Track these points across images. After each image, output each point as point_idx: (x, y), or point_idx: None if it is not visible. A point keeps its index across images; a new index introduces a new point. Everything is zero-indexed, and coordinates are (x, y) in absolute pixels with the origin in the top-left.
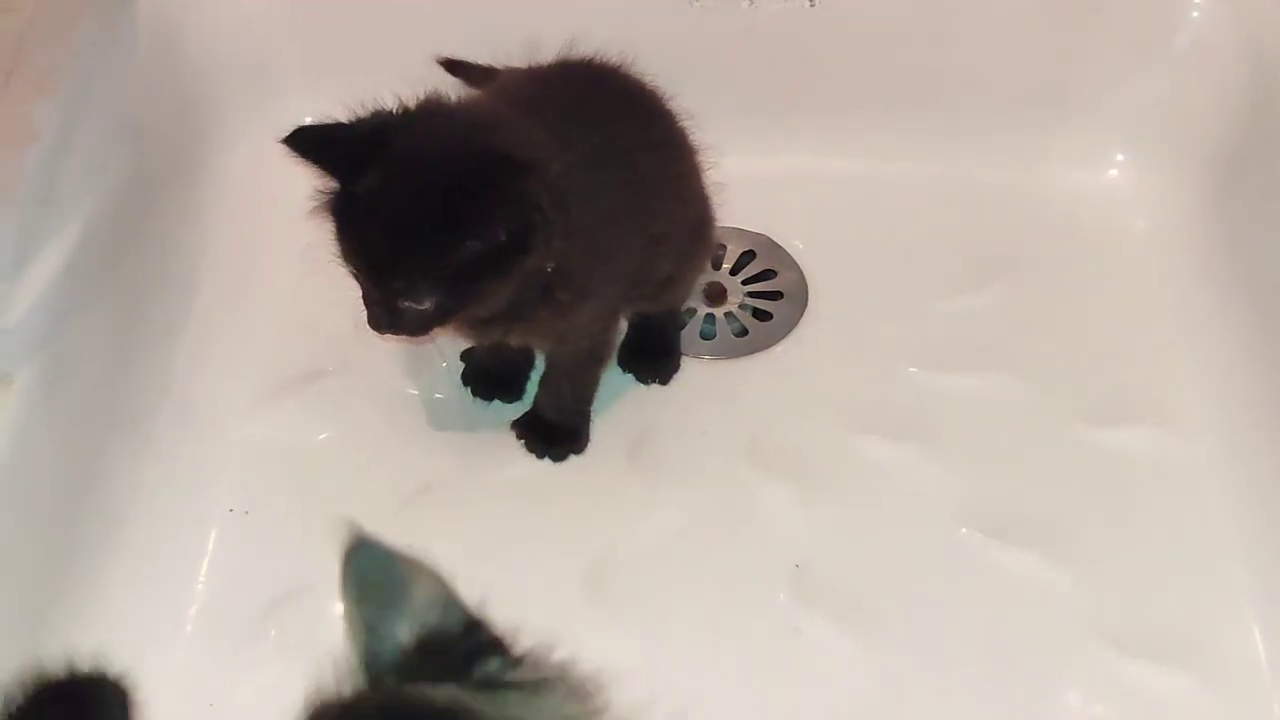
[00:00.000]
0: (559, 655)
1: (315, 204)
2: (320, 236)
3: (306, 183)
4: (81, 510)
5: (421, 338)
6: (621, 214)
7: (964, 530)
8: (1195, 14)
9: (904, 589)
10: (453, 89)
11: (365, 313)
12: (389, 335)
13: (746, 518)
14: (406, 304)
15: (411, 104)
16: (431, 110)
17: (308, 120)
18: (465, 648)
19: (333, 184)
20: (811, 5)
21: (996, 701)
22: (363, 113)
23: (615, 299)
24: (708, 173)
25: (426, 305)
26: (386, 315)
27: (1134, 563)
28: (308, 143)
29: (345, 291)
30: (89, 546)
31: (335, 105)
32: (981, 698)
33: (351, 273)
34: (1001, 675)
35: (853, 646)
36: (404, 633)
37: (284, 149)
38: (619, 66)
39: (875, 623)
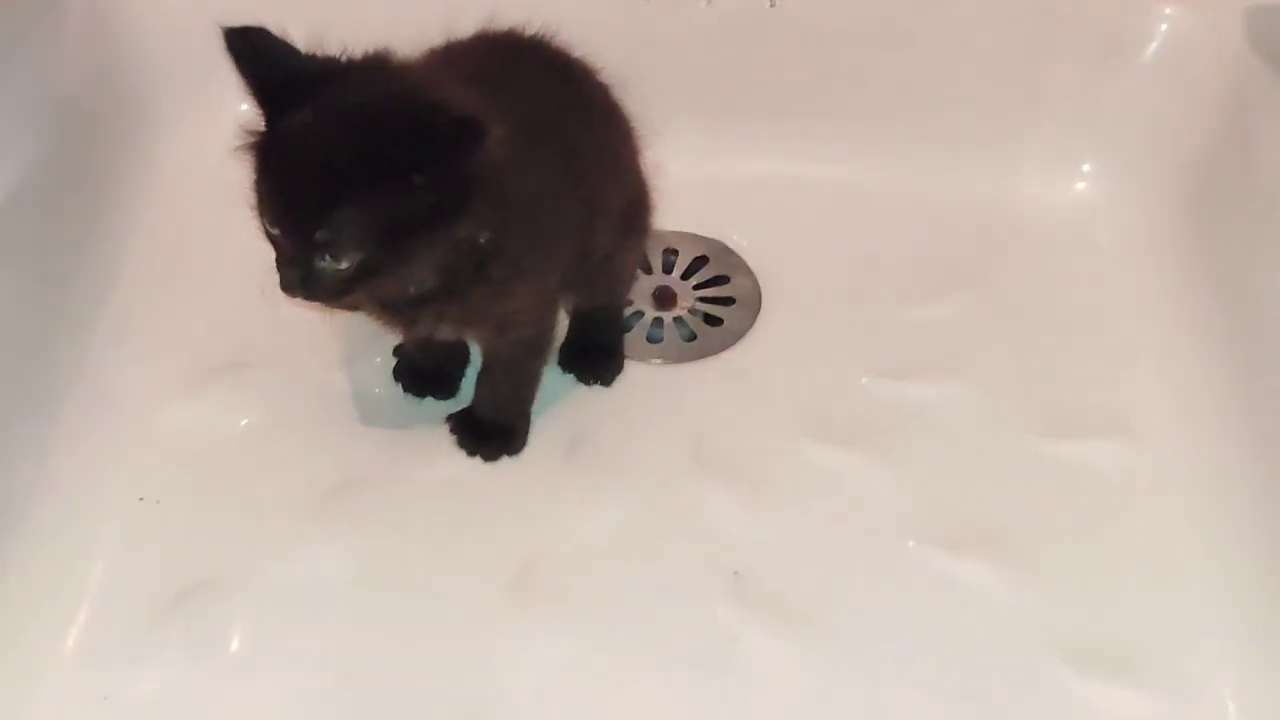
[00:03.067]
0: None
1: (239, 143)
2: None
3: (239, 173)
4: None
5: (335, 305)
6: (556, 186)
7: (913, 541)
8: (1165, 25)
9: (849, 599)
10: None
11: (276, 277)
12: (300, 300)
13: (687, 522)
14: (325, 262)
15: (357, 55)
16: (377, 63)
17: (244, 109)
18: None
19: (260, 125)
20: (771, 5)
21: (943, 710)
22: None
23: (554, 278)
24: (645, 150)
25: (345, 265)
26: (300, 274)
27: (1092, 578)
28: (249, 49)
29: (276, 282)
30: None
31: None
32: (929, 713)
33: (266, 228)
34: (950, 690)
35: (792, 657)
36: None
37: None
38: (543, 37)
39: (817, 633)
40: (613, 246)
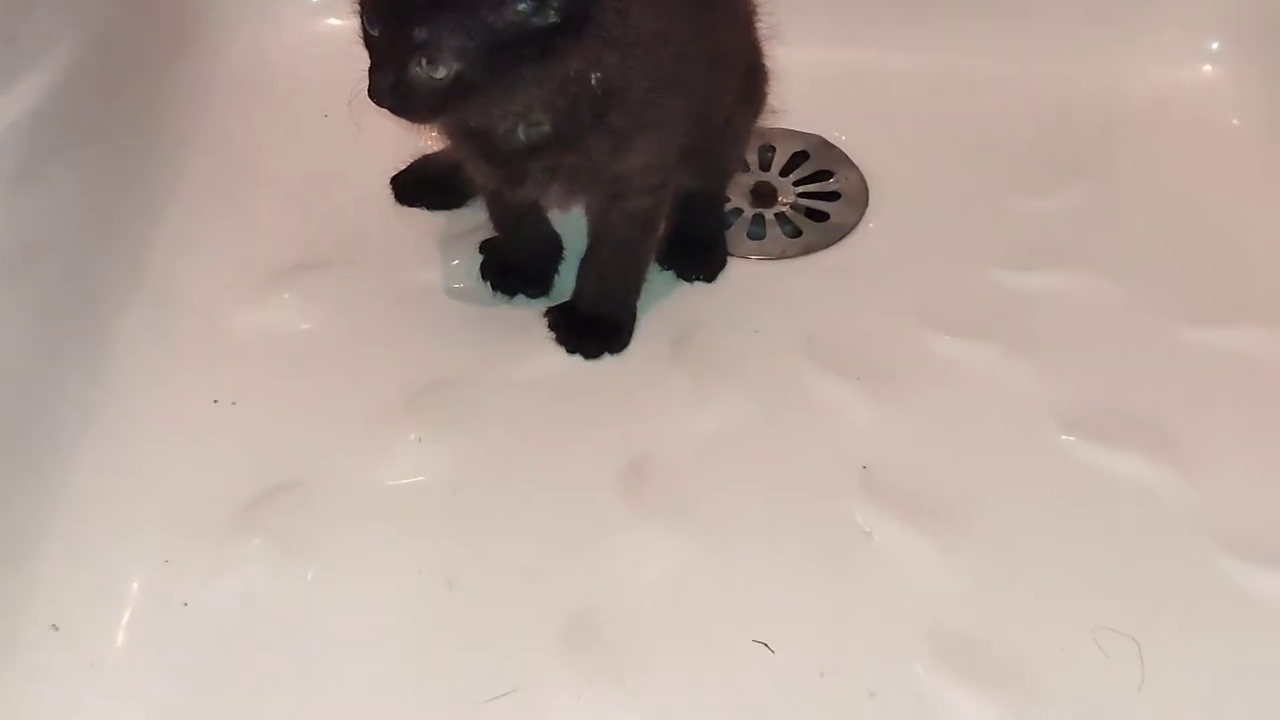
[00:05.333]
0: None
1: None
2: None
3: (308, 75)
4: (44, 399)
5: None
6: (682, 32)
7: (1055, 429)
8: None
9: (989, 491)
10: None
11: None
12: (387, 110)
13: (805, 417)
14: (422, 67)
15: None
16: None
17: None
18: None
19: None
20: None
21: (1104, 607)
22: None
23: (675, 136)
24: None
25: (441, 74)
26: (394, 80)
27: (1252, 466)
28: None
29: (349, 182)
30: (51, 437)
31: None
32: (1082, 609)
33: (365, 26)
34: (1105, 584)
35: (934, 550)
36: None
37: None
38: None
39: (957, 526)
40: (732, 110)
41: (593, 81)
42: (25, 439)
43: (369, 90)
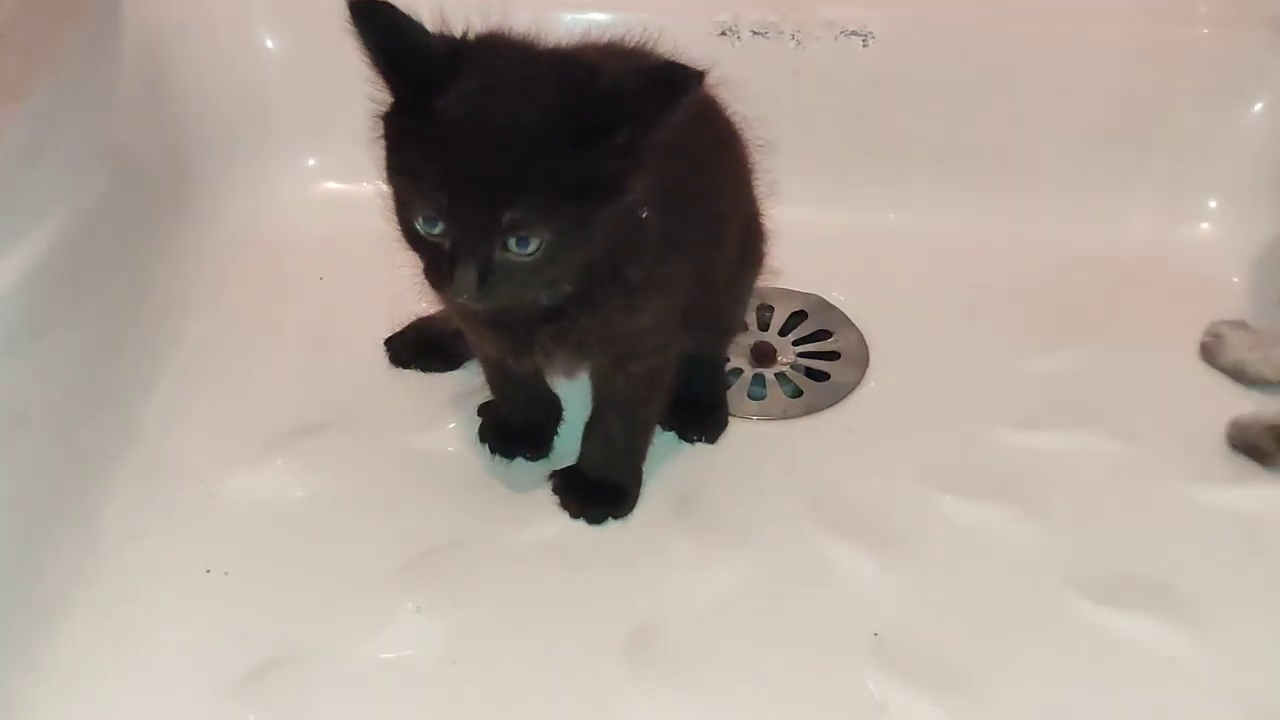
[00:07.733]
0: None
1: (376, 134)
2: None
3: (303, 238)
4: (33, 568)
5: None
6: (687, 191)
7: (1068, 593)
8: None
9: (1003, 658)
10: None
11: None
12: (476, 304)
13: (813, 581)
14: (511, 249)
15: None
16: (518, 40)
17: (311, 163)
18: None
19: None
20: (865, 45)
21: None
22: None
23: (680, 295)
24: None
25: (534, 247)
26: (480, 269)
27: (1263, 627)
28: (376, 23)
29: (343, 345)
30: (40, 608)
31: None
32: None
33: (419, 227)
34: None
35: None
36: None
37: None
38: (642, 47)
39: (973, 694)
40: (732, 269)
41: (643, 215)
42: (13, 609)
43: (451, 291)
